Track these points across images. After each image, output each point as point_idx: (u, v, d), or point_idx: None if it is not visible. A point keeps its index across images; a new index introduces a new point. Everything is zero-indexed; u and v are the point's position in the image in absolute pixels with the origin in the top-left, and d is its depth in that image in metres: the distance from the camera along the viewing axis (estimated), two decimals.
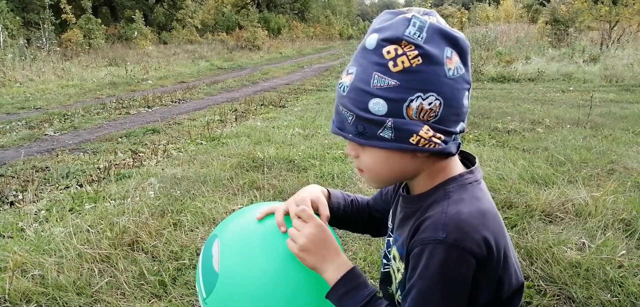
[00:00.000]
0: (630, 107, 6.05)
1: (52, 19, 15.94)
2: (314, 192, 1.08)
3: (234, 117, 6.22)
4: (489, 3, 27.45)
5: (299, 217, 0.96)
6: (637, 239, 2.20)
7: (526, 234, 2.28)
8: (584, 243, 2.16)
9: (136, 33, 20.27)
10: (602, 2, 14.78)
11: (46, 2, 16.36)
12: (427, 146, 0.80)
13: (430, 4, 14.59)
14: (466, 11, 20.87)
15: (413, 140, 0.80)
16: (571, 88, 8.17)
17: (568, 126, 4.84)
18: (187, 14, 27.34)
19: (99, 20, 19.51)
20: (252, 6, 32.10)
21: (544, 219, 2.48)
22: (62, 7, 17.24)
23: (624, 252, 2.05)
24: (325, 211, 1.06)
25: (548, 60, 11.64)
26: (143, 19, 21.99)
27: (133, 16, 21.80)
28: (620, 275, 1.90)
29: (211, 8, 35.42)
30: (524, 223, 2.40)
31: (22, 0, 20.21)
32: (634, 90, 7.78)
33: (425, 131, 0.79)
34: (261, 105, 7.26)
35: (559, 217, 2.48)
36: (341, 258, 0.93)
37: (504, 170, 3.19)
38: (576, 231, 2.29)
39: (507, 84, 9.18)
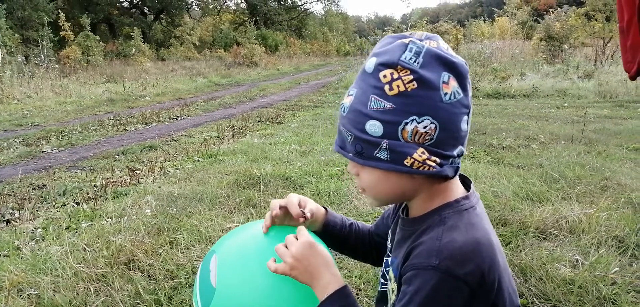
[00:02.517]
0: (624, 123, 6.11)
1: (51, 36, 16.01)
2: (300, 196, 1.12)
3: (231, 133, 6.24)
4: (484, 20, 27.75)
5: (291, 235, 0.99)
6: (630, 256, 2.22)
7: (520, 251, 2.29)
8: (577, 260, 2.17)
9: (134, 50, 20.36)
10: (596, 19, 14.99)
11: (45, 20, 16.46)
12: (421, 168, 0.82)
13: (425, 21, 14.74)
14: (461, 28, 21.06)
15: (407, 162, 0.82)
16: (566, 104, 8.24)
17: (562, 142, 4.88)
18: (185, 31, 27.57)
19: (98, 38, 19.63)
20: (249, 23, 32.43)
21: (538, 236, 2.49)
22: (61, 24, 17.34)
23: (616, 269, 2.06)
24: (311, 205, 1.11)
25: (543, 77, 11.75)
26: (141, 36, 22.11)
27: (131, 33, 21.93)
28: (613, 292, 1.92)
29: (209, 25, 35.79)
30: (518, 240, 2.41)
31: (21, 18, 20.33)
32: (628, 106, 7.86)
33: (420, 154, 0.81)
34: (258, 121, 7.30)
35: (553, 234, 2.50)
36: (331, 275, 0.94)
37: (498, 187, 3.21)
38: (570, 248, 2.31)
39: (503, 100, 9.25)
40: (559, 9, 18.08)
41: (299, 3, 44.07)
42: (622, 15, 1.22)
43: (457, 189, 0.91)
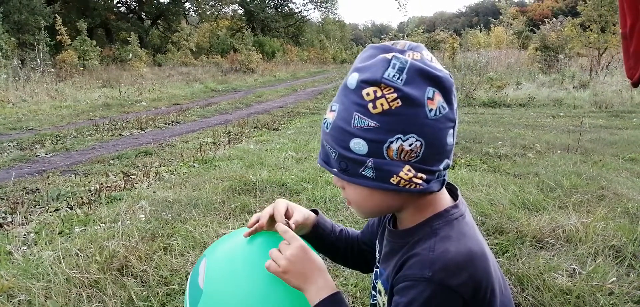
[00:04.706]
0: (620, 133, 6.13)
1: (47, 40, 15.96)
2: (289, 202, 1.12)
3: (227, 139, 6.22)
4: (480, 29, 27.93)
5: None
6: (627, 266, 2.21)
7: (517, 260, 2.28)
8: (574, 270, 2.16)
9: (131, 55, 20.33)
10: (591, 30, 15.11)
11: (42, 24, 16.42)
12: (407, 186, 0.81)
13: (422, 30, 14.81)
14: (458, 37, 21.17)
15: (393, 180, 0.80)
16: (561, 114, 8.28)
17: (558, 152, 4.88)
18: (182, 37, 27.56)
19: (94, 42, 19.58)
20: (247, 30, 32.49)
21: (535, 245, 2.48)
22: (57, 28, 17.29)
23: (614, 279, 2.06)
24: (298, 215, 1.09)
25: (538, 86, 11.81)
26: (138, 41, 22.09)
27: (128, 38, 21.91)
28: (611, 302, 1.91)
29: (206, 31, 35.86)
30: (515, 249, 2.40)
31: (17, 21, 20.27)
32: (623, 116, 7.90)
33: (406, 172, 0.80)
34: (254, 128, 7.28)
35: (550, 243, 2.49)
36: (324, 280, 0.94)
37: (495, 195, 3.21)
38: (567, 257, 2.30)
39: (498, 109, 9.28)
40: (554, 19, 18.24)
41: (296, 10, 44.27)
42: (625, 21, 1.21)
43: (444, 198, 0.90)
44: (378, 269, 1.00)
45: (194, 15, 38.74)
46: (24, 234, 2.77)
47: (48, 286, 2.02)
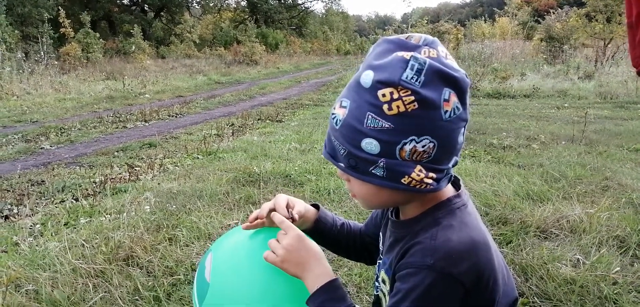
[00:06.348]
0: (625, 124, 6.10)
1: (51, 33, 15.98)
2: (289, 197, 1.13)
3: (231, 131, 6.23)
4: (485, 20, 27.77)
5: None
6: (631, 256, 2.21)
7: (521, 250, 2.28)
8: (578, 260, 2.16)
9: (134, 47, 20.32)
10: (596, 20, 15.00)
11: (45, 16, 16.43)
12: (418, 187, 0.81)
13: (426, 21, 14.72)
14: (462, 28, 21.03)
15: (404, 181, 0.80)
16: (566, 104, 8.24)
17: (563, 143, 4.87)
18: (185, 29, 27.52)
19: (98, 35, 19.56)
20: (250, 21, 32.35)
21: (539, 236, 2.48)
22: (61, 21, 17.28)
23: (618, 268, 2.05)
24: (299, 207, 1.11)
25: (543, 77, 11.74)
26: (141, 33, 22.07)
27: (131, 31, 21.90)
28: (615, 292, 1.91)
29: (209, 23, 35.81)
30: (519, 239, 2.40)
31: (21, 14, 20.29)
32: (628, 107, 7.85)
33: (418, 172, 0.79)
34: (258, 119, 7.28)
35: (554, 233, 2.49)
36: (322, 267, 0.95)
37: (499, 186, 3.20)
38: (571, 248, 2.30)
39: (503, 100, 9.24)
40: (559, 9, 18.12)
41: (300, 2, 44.08)
42: (631, 10, 1.20)
43: (447, 188, 0.90)
44: (381, 260, 1.01)
45: (197, 7, 38.69)
46: (30, 226, 2.80)
47: (55, 276, 2.04)
